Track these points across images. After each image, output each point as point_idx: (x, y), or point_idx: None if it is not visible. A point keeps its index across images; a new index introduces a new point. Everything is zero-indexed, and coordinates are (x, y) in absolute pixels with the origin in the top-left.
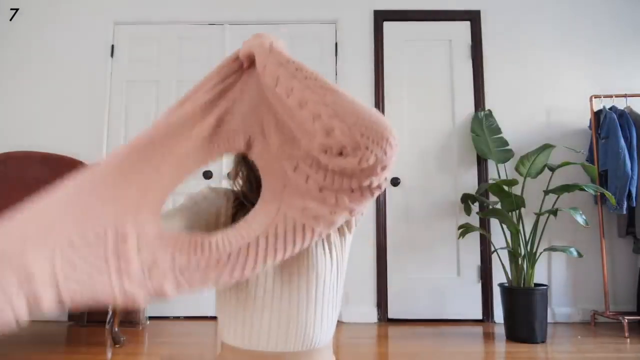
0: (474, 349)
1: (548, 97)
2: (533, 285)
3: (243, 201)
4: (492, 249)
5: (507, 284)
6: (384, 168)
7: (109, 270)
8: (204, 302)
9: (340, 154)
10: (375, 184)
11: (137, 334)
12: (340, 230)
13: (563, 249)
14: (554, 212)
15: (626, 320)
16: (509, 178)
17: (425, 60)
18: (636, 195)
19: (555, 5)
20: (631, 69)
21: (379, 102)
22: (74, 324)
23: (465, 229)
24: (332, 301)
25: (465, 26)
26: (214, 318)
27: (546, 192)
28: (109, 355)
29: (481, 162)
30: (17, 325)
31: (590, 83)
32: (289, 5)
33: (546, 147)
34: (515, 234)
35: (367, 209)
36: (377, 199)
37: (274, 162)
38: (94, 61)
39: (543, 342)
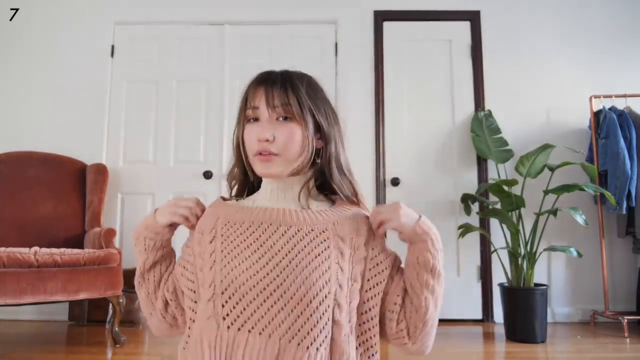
0: (474, 349)
1: (548, 97)
2: (533, 285)
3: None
4: (492, 249)
5: (507, 284)
6: None
7: None
8: None
9: None
10: None
11: (137, 334)
12: None
13: (563, 249)
14: (553, 212)
15: (626, 320)
16: (508, 178)
17: (425, 60)
18: (635, 195)
19: (555, 5)
20: (631, 69)
21: (379, 102)
22: (74, 323)
23: (465, 229)
24: None
25: (465, 26)
26: None
27: (546, 192)
28: (109, 355)
29: (481, 162)
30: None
31: (590, 83)
32: (289, 5)
33: (546, 147)
34: (515, 234)
35: None
36: (377, 199)
37: None
38: (94, 61)
39: (543, 342)
